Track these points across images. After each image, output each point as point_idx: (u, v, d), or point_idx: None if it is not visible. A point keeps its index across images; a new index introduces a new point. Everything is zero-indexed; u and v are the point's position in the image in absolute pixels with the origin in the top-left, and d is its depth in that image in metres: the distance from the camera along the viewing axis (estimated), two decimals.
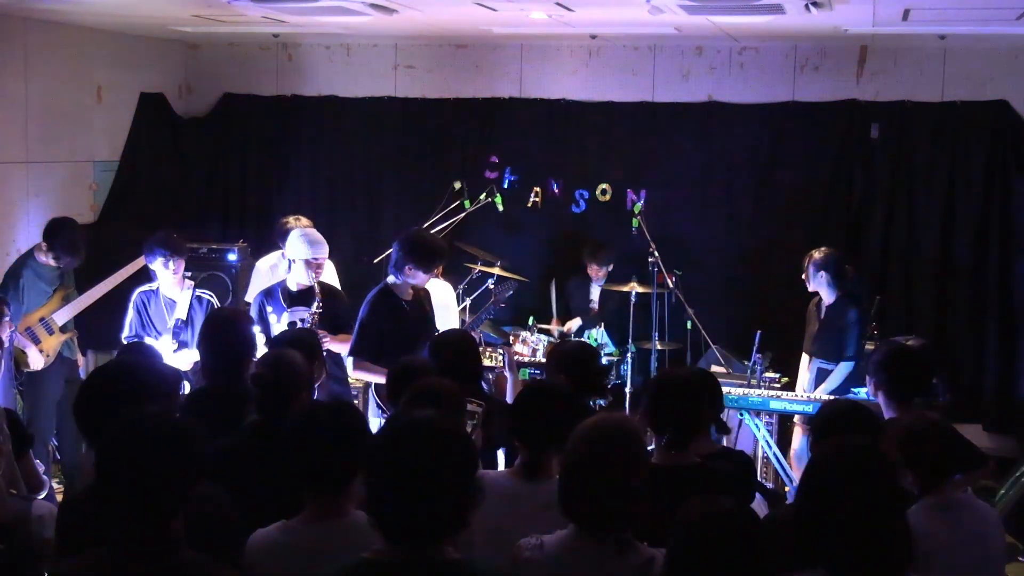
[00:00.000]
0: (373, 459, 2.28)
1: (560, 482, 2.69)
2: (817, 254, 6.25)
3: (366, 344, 5.39)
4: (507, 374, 5.04)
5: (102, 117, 8.04)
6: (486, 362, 6.24)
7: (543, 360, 6.64)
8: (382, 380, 5.39)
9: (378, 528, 2.24)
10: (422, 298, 5.64)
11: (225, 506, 2.94)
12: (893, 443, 3.16)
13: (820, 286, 6.26)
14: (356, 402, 5.79)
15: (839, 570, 2.31)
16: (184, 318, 5.73)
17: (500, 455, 4.21)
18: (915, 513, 3.00)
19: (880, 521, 2.29)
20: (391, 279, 5.48)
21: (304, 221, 6.50)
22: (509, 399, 4.64)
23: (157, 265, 5.72)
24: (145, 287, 5.85)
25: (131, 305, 5.80)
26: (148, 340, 5.60)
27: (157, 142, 8.52)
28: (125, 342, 5.61)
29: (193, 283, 5.94)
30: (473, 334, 5.83)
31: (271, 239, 6.73)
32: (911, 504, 3.05)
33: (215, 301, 5.90)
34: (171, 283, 5.76)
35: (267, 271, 6.53)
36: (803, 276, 6.30)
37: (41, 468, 3.94)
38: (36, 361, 6.11)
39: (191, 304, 5.77)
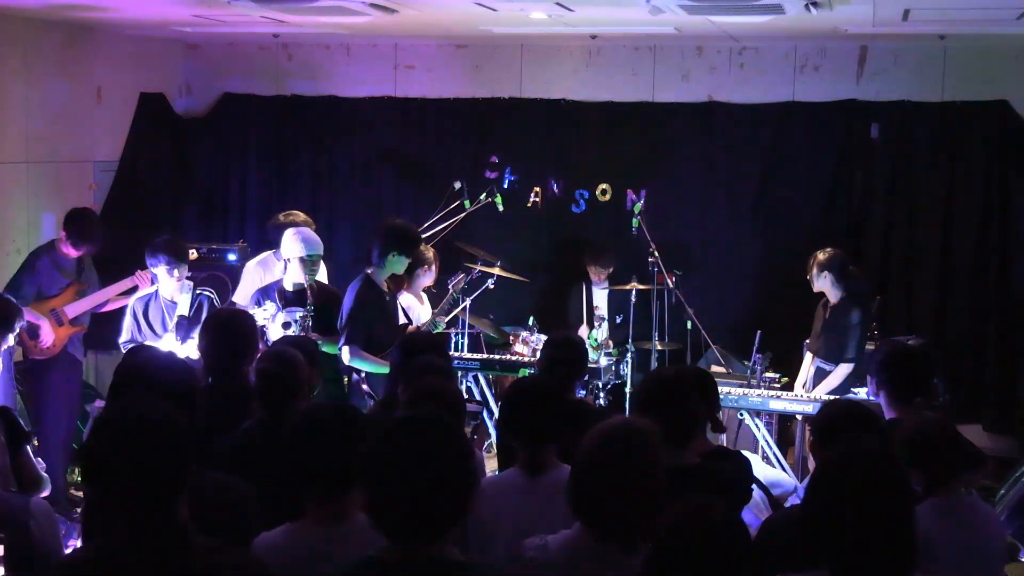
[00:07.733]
0: (370, 458, 2.27)
1: (570, 482, 2.67)
2: (821, 255, 6.28)
3: (359, 333, 5.48)
4: None
5: (102, 117, 8.03)
6: None
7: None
8: (377, 369, 5.43)
9: (378, 528, 2.24)
10: (394, 291, 5.94)
11: (243, 495, 2.99)
12: (900, 443, 3.16)
13: (824, 287, 6.28)
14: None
15: (844, 570, 2.30)
16: (187, 314, 5.67)
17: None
18: (920, 513, 2.99)
19: (889, 523, 2.29)
20: (370, 270, 5.66)
21: (300, 216, 6.41)
22: None
23: (160, 270, 5.66)
24: (141, 293, 5.82)
25: (128, 311, 5.75)
26: (148, 343, 5.49)
27: (157, 142, 8.51)
28: (123, 348, 5.55)
29: (192, 283, 5.91)
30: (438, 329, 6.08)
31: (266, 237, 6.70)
32: (917, 504, 3.05)
33: (215, 298, 5.87)
34: (173, 287, 5.70)
35: (254, 268, 6.38)
36: (808, 276, 6.32)
37: (43, 466, 3.90)
38: (47, 337, 6.13)
39: (192, 302, 5.72)
